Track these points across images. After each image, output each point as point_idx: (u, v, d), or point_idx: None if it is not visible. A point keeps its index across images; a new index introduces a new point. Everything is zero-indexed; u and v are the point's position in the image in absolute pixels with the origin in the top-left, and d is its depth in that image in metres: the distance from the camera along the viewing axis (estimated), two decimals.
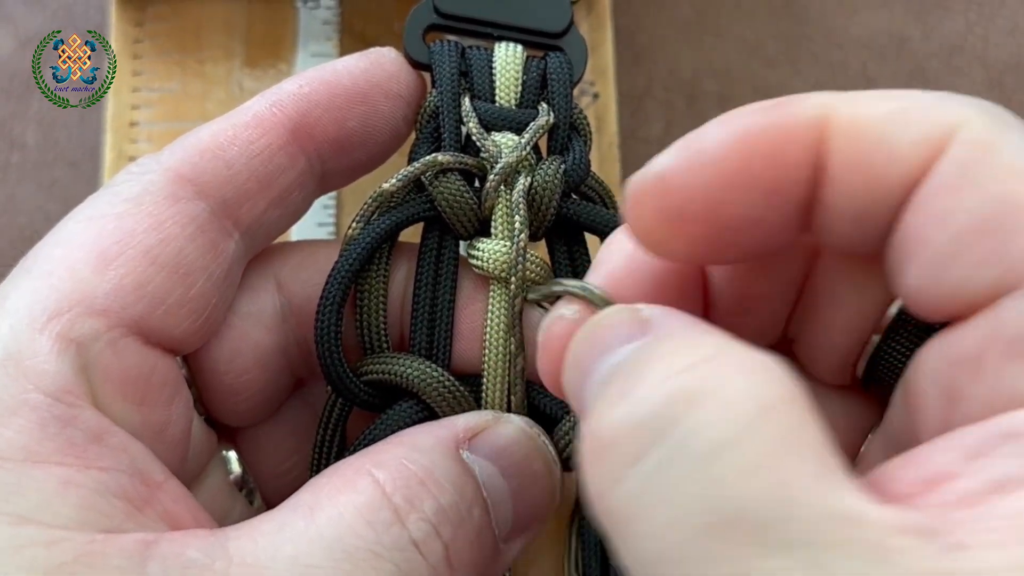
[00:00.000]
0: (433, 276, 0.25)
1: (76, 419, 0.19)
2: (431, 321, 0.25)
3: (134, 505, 0.19)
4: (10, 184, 0.41)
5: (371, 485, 0.20)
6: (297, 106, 0.24)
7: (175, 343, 0.22)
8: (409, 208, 0.25)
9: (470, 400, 0.24)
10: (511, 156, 0.24)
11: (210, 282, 0.23)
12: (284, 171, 0.24)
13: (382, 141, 0.25)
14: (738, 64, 0.45)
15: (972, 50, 0.46)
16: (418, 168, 0.24)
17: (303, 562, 0.18)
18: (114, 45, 0.36)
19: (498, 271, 0.24)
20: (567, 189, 0.25)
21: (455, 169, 0.24)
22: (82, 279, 0.21)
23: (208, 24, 0.37)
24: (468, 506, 0.21)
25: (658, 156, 0.19)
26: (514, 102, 0.25)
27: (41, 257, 0.21)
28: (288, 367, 0.25)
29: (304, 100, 0.24)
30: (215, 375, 0.24)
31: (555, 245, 0.26)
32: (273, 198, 0.24)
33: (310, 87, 0.24)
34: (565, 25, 0.26)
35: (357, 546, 0.19)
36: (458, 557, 0.20)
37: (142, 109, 0.35)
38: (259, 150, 0.23)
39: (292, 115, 0.24)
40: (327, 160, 0.24)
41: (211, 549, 0.18)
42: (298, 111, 0.24)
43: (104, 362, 0.21)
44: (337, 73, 0.24)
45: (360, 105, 0.24)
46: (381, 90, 0.24)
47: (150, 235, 0.22)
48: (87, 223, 0.22)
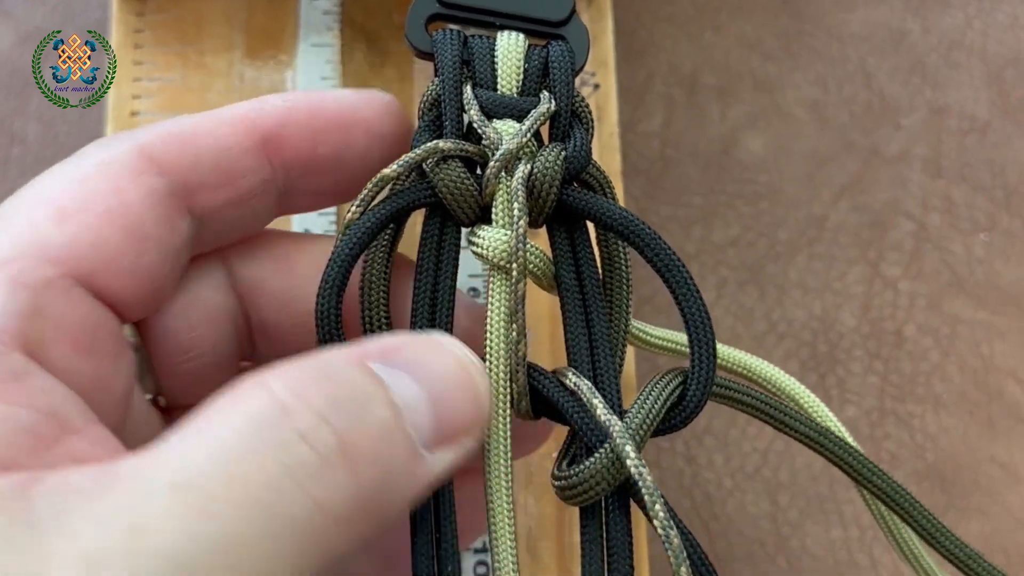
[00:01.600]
0: (435, 262, 0.25)
1: (1, 356, 0.19)
2: (432, 308, 0.25)
3: (43, 444, 0.19)
4: (11, 179, 0.41)
5: (262, 394, 0.19)
6: (275, 118, 0.25)
7: (123, 306, 0.23)
8: (410, 194, 0.25)
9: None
10: (512, 143, 0.24)
11: (162, 254, 0.23)
12: (247, 174, 0.24)
13: (352, 175, 0.25)
14: (738, 58, 0.45)
15: (971, 44, 0.46)
16: (419, 155, 0.24)
17: (188, 471, 0.18)
18: (115, 36, 0.36)
19: (498, 259, 0.24)
20: (568, 177, 0.25)
21: (456, 156, 0.24)
22: (39, 231, 0.21)
23: (209, 15, 0.37)
24: (368, 403, 0.20)
25: None
26: (516, 90, 0.26)
27: (2, 211, 0.22)
28: (236, 339, 0.26)
29: (283, 114, 0.25)
30: (164, 335, 0.25)
31: (556, 233, 0.26)
32: (231, 197, 0.24)
33: (293, 104, 0.25)
34: (567, 13, 0.26)
35: (242, 447, 0.18)
36: (357, 450, 0.19)
37: (143, 99, 0.35)
38: (228, 147, 0.24)
39: (268, 125, 0.24)
40: (292, 178, 0.25)
41: (100, 475, 0.18)
42: (275, 123, 0.25)
43: (57, 309, 0.21)
44: (323, 99, 0.25)
45: (337, 133, 0.25)
46: (363, 125, 0.25)
47: (110, 198, 0.22)
48: (51, 182, 0.23)
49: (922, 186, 0.44)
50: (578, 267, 0.25)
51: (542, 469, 0.34)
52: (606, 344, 0.25)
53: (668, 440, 0.40)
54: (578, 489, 0.23)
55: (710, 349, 0.24)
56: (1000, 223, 0.43)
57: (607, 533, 0.23)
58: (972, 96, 0.45)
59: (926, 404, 0.41)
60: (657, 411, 0.23)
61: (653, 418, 0.23)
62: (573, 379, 0.24)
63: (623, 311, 0.26)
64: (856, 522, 0.39)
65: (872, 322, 0.42)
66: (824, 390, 0.41)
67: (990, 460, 0.40)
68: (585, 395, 0.23)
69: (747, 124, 0.44)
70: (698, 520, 0.39)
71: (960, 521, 0.39)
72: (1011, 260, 0.43)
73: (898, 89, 0.45)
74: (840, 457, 0.27)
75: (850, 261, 0.42)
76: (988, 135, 0.45)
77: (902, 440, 0.40)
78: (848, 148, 0.44)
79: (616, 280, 0.26)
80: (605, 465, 0.23)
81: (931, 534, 0.28)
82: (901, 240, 0.43)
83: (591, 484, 0.23)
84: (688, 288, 0.24)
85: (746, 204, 0.43)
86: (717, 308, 0.41)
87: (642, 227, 0.24)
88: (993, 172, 0.44)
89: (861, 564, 0.39)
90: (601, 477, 0.23)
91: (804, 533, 0.39)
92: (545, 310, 0.34)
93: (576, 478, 0.23)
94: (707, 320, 0.24)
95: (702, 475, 0.39)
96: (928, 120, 0.45)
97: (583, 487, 0.23)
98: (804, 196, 0.43)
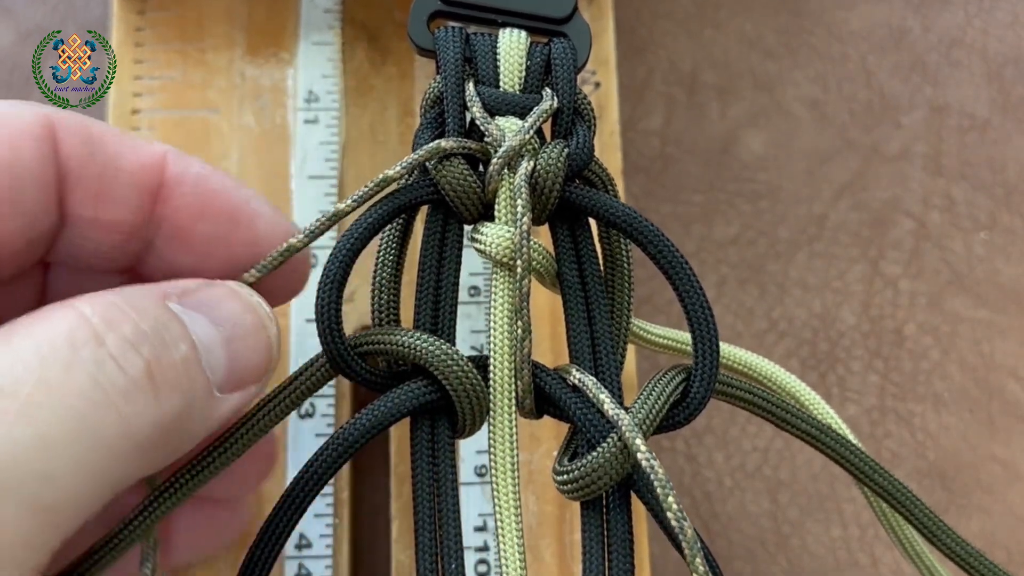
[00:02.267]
0: (437, 260, 0.25)
1: None
2: (435, 305, 0.25)
3: None
4: None
5: (72, 313, 0.20)
6: (180, 174, 0.25)
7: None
8: (413, 191, 0.25)
9: (480, 380, 0.24)
10: (515, 140, 0.24)
11: (24, 230, 0.23)
12: (126, 205, 0.25)
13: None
14: (738, 56, 0.45)
15: (972, 42, 0.46)
16: (421, 155, 0.24)
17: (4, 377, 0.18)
18: (115, 34, 0.36)
19: (501, 256, 0.24)
20: (571, 173, 0.25)
21: (459, 154, 0.24)
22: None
23: (210, 13, 0.37)
24: (172, 338, 0.21)
25: None
26: (518, 87, 0.26)
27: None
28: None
29: (194, 176, 0.25)
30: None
31: (558, 230, 0.26)
32: (103, 218, 0.24)
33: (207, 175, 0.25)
34: (569, 11, 0.26)
35: (53, 356, 0.19)
36: (162, 377, 0.20)
37: (144, 97, 0.35)
38: (123, 167, 0.24)
39: (173, 175, 0.25)
40: (162, 235, 0.25)
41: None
42: (176, 178, 0.25)
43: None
44: (225, 184, 0.26)
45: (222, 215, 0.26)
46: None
47: (3, 149, 0.22)
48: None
49: (922, 184, 0.44)
50: (580, 264, 0.25)
51: (543, 468, 0.34)
52: (608, 341, 0.25)
53: (668, 438, 0.40)
54: (583, 482, 0.23)
55: (713, 346, 0.24)
56: (1000, 221, 0.43)
57: (608, 528, 0.23)
58: (972, 94, 0.45)
59: (926, 402, 0.41)
60: (660, 407, 0.23)
61: (657, 413, 0.23)
62: (577, 375, 0.24)
63: (625, 308, 0.26)
64: (856, 521, 0.39)
65: (872, 320, 0.42)
66: (824, 388, 0.41)
67: (991, 458, 0.40)
68: (591, 391, 0.23)
69: (747, 122, 0.44)
70: (698, 519, 0.39)
71: (961, 519, 0.39)
72: (1011, 258, 0.43)
73: (898, 87, 0.45)
74: (841, 455, 0.27)
75: (850, 259, 0.42)
76: (988, 133, 0.45)
77: (903, 438, 0.40)
78: (848, 146, 0.44)
79: (618, 277, 0.26)
80: (613, 455, 0.23)
81: (932, 532, 0.28)
82: (901, 238, 0.43)
83: (597, 476, 0.23)
84: (691, 285, 0.24)
85: (746, 202, 0.43)
86: (718, 306, 0.41)
87: (645, 223, 0.24)
88: (993, 170, 0.44)
89: (861, 563, 0.39)
90: (607, 470, 0.23)
91: (805, 532, 0.39)
92: (545, 307, 0.34)
93: (581, 470, 0.23)
94: (710, 317, 0.24)
95: (702, 474, 0.39)
96: (928, 118, 0.45)
97: (588, 479, 0.23)
98: (804, 194, 0.43)
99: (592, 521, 0.23)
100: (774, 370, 0.28)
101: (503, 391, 0.24)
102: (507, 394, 0.24)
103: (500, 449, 0.24)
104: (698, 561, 0.22)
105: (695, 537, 0.22)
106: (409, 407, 0.24)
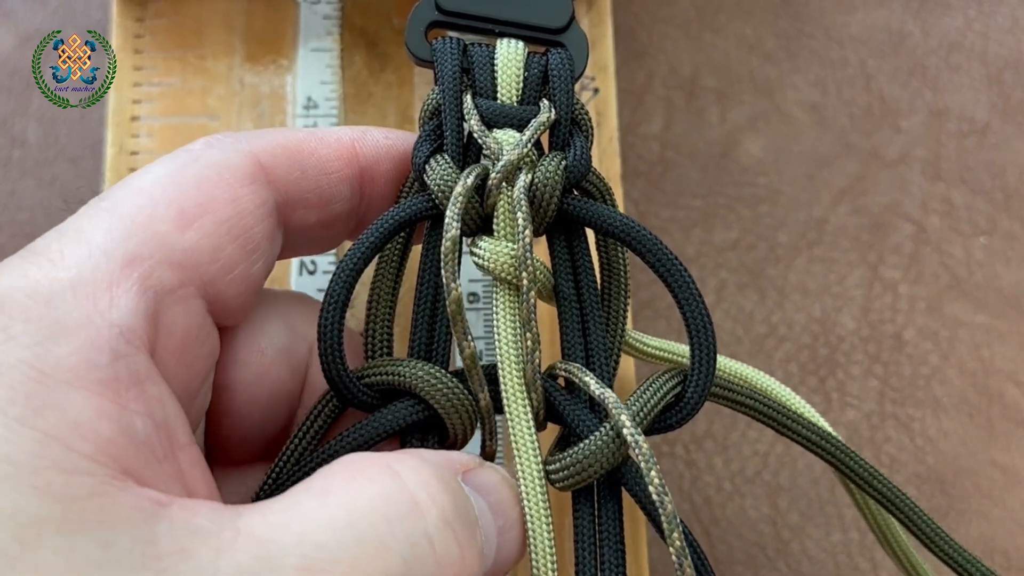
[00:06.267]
0: (435, 273, 0.25)
1: (128, 358, 0.19)
2: (431, 319, 0.25)
3: (155, 457, 0.19)
4: (11, 180, 0.41)
5: (390, 478, 0.20)
6: (376, 151, 0.25)
7: (224, 316, 0.23)
8: (411, 206, 0.25)
9: (471, 400, 0.24)
10: (513, 154, 0.24)
11: (266, 266, 0.24)
12: (341, 200, 0.25)
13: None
14: (737, 61, 0.45)
15: (971, 47, 0.46)
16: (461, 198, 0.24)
17: (310, 540, 0.18)
18: (115, 41, 0.36)
19: (501, 271, 0.24)
20: (568, 185, 0.25)
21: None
22: (162, 232, 0.21)
23: (209, 20, 0.37)
24: (471, 522, 0.21)
25: None
26: (516, 99, 0.26)
27: (120, 200, 0.22)
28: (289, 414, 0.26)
29: (384, 149, 0.25)
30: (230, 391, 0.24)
31: (555, 241, 0.26)
32: (323, 219, 0.25)
33: (394, 143, 0.25)
34: (566, 21, 0.26)
35: (369, 533, 0.19)
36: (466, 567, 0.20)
37: (143, 104, 0.35)
38: (329, 171, 0.24)
39: (368, 157, 0.25)
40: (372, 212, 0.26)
41: (220, 519, 0.18)
42: (374, 156, 0.25)
43: (172, 316, 0.21)
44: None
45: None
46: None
47: (228, 206, 0.22)
48: (168, 179, 0.22)
49: (922, 189, 0.44)
50: (577, 276, 0.25)
51: None
52: (602, 354, 0.25)
53: (668, 444, 0.40)
54: (575, 469, 0.23)
55: (711, 351, 0.24)
56: (1000, 226, 0.43)
57: (599, 516, 0.24)
58: (972, 98, 0.45)
59: (926, 407, 0.41)
60: (654, 405, 0.24)
61: (650, 410, 0.24)
62: (563, 367, 0.24)
63: (620, 319, 0.26)
64: (857, 526, 0.39)
65: (872, 325, 0.42)
66: (824, 393, 0.41)
67: (990, 463, 0.40)
68: (587, 385, 0.24)
69: (747, 126, 0.44)
70: (698, 524, 0.39)
71: (961, 524, 0.39)
72: (1011, 263, 0.43)
73: (898, 91, 0.45)
74: (840, 460, 0.27)
75: (850, 264, 0.42)
76: (988, 137, 0.45)
77: (902, 443, 0.40)
78: (848, 150, 0.44)
79: (615, 287, 0.26)
80: (605, 443, 0.23)
81: (930, 538, 0.28)
82: (901, 243, 0.43)
83: (588, 464, 0.23)
84: (689, 291, 0.24)
85: (746, 207, 0.43)
86: (717, 311, 0.41)
87: (643, 232, 0.24)
88: (993, 174, 0.44)
89: (862, 568, 0.39)
90: (598, 457, 0.23)
91: (805, 537, 0.39)
92: (544, 316, 0.34)
93: (573, 457, 0.23)
94: (708, 322, 0.24)
95: (702, 479, 0.39)
96: (928, 122, 0.45)
97: (580, 466, 0.23)
98: (804, 199, 0.43)
99: (584, 510, 0.24)
100: (769, 382, 0.28)
101: (515, 403, 0.24)
102: (520, 405, 0.24)
103: (525, 462, 0.24)
104: (675, 535, 0.22)
105: (674, 513, 0.22)
106: (398, 426, 0.24)
